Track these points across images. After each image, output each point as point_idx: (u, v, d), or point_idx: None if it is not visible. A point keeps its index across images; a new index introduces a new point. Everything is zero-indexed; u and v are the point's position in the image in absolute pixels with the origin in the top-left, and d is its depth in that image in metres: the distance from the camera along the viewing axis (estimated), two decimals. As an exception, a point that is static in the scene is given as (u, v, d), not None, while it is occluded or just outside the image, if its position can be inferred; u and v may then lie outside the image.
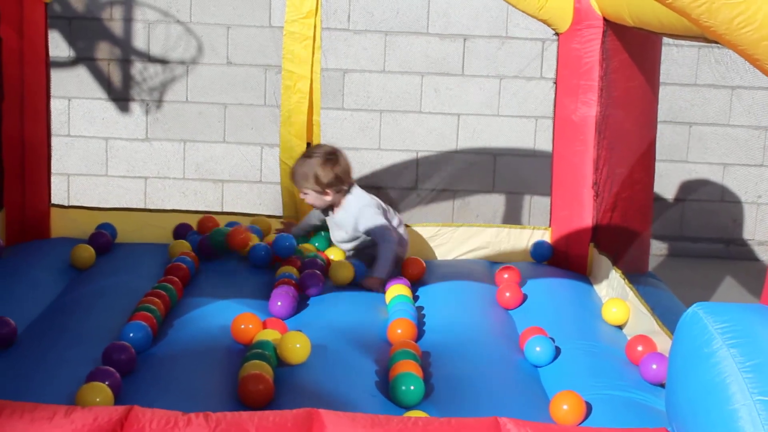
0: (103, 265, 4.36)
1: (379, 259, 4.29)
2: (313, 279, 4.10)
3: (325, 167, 4.33)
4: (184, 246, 4.48)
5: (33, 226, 4.65)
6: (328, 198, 4.39)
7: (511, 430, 2.44)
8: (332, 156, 4.37)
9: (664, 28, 3.65)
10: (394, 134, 6.54)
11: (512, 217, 6.57)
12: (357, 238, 4.48)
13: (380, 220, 4.39)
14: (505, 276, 4.31)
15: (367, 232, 4.41)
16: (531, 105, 6.52)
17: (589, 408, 3.09)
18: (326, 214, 4.55)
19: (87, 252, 4.38)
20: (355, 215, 4.41)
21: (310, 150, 4.50)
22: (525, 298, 4.14)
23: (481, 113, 6.54)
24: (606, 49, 4.38)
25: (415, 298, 4.21)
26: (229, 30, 6.41)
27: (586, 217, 4.57)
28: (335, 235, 4.56)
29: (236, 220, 4.85)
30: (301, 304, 4.01)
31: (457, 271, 4.56)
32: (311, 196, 4.39)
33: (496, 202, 6.65)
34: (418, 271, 4.44)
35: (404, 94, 6.51)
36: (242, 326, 3.49)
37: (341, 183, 4.38)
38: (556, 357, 3.52)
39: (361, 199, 4.45)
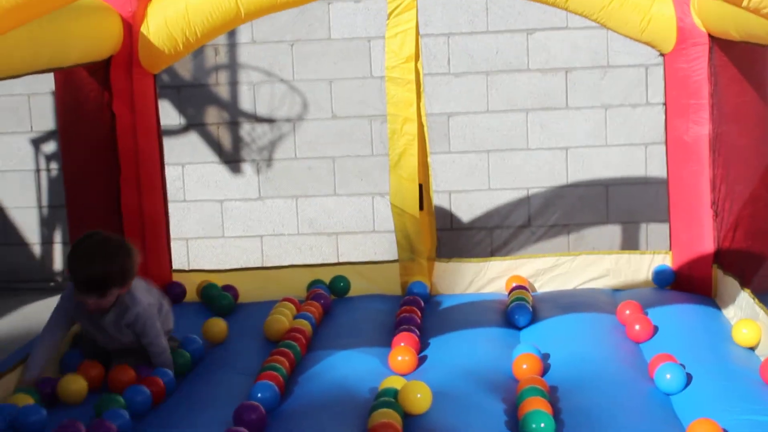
0: (230, 327, 4.36)
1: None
2: None
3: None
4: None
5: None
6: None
7: (650, 463, 2.38)
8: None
9: (773, 39, 3.56)
10: (503, 173, 6.51)
11: (629, 246, 6.45)
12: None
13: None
14: (627, 312, 4.19)
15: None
16: (639, 132, 6.42)
17: (727, 435, 3.00)
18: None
19: (218, 326, 4.28)
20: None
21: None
22: (656, 330, 4.04)
23: (589, 144, 6.47)
24: (713, 66, 4.30)
25: (536, 329, 4.16)
26: (331, 84, 6.49)
27: (707, 238, 4.48)
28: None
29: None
30: (422, 345, 4.00)
31: (579, 300, 4.51)
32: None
33: (612, 232, 6.55)
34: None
35: (510, 132, 6.48)
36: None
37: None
38: (688, 383, 3.44)
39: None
